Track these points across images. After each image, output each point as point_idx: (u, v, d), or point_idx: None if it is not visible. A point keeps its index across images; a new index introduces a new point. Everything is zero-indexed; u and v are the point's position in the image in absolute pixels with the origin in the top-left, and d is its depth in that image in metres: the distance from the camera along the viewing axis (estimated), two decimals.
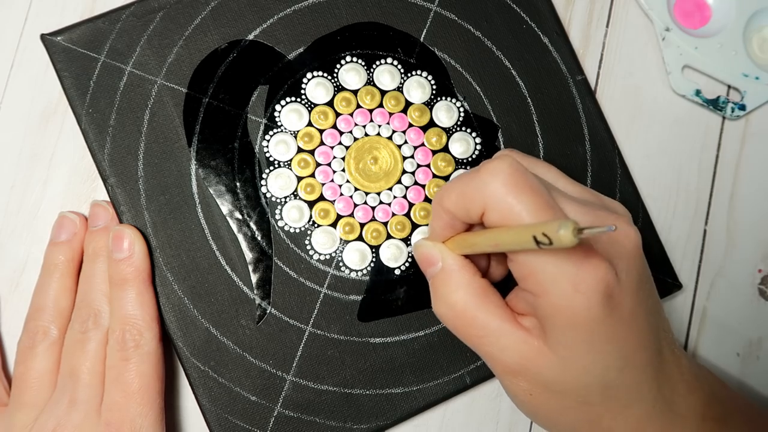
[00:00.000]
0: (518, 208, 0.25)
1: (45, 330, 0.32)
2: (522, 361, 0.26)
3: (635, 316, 0.26)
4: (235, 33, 0.35)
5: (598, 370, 0.26)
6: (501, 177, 0.25)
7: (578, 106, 0.37)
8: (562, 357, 0.26)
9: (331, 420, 0.34)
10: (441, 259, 0.28)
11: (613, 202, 0.29)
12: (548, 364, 0.26)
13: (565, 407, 0.27)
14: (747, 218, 0.39)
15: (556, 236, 0.21)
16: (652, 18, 0.39)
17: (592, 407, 0.27)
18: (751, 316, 0.38)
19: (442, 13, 0.37)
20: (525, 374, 0.27)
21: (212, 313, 0.34)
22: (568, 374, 0.26)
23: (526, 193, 0.25)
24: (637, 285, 0.26)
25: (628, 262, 0.26)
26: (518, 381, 0.27)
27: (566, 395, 0.26)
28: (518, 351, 0.26)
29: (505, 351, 0.26)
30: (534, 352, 0.26)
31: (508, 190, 0.25)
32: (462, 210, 0.26)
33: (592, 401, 0.26)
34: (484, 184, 0.25)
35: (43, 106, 0.36)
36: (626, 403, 0.27)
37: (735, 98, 0.39)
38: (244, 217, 0.35)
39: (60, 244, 0.34)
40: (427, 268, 0.29)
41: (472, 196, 0.26)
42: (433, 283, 0.28)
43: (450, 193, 0.27)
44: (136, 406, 0.31)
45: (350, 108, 0.36)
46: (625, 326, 0.26)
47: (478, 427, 0.37)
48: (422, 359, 0.35)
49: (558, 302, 0.25)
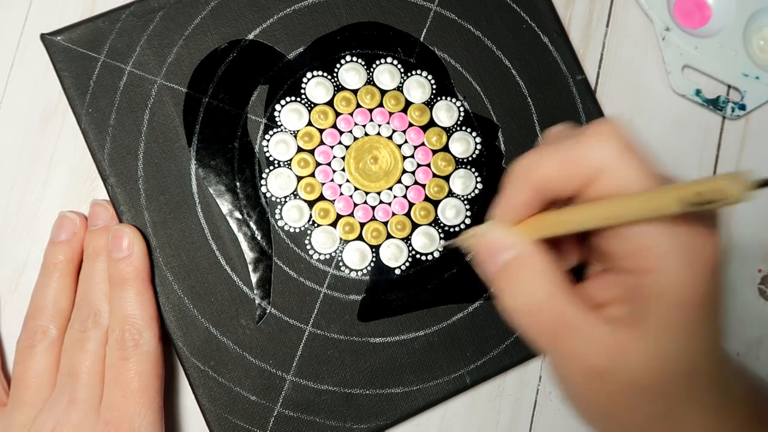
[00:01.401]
0: (638, 174, 0.22)
1: (44, 329, 0.32)
2: (610, 356, 0.23)
3: (720, 294, 0.23)
4: (235, 33, 0.35)
5: (693, 355, 0.23)
6: (615, 141, 0.22)
7: (578, 106, 0.37)
8: (660, 343, 0.23)
9: (331, 420, 0.34)
10: (513, 244, 0.24)
11: None
12: (639, 356, 0.23)
13: (642, 404, 0.24)
14: (747, 219, 0.39)
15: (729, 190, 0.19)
16: (652, 18, 0.39)
17: (668, 399, 0.24)
18: (751, 316, 0.38)
19: (442, 12, 0.37)
20: (611, 372, 0.23)
21: (212, 312, 0.34)
22: (662, 363, 0.23)
23: (639, 158, 0.22)
24: (723, 260, 0.24)
25: (718, 235, 0.23)
26: (598, 383, 0.23)
27: (649, 390, 0.23)
28: (606, 345, 0.23)
29: (590, 348, 0.23)
30: (626, 344, 0.23)
31: (624, 155, 0.22)
32: (562, 180, 0.23)
33: (672, 392, 0.23)
34: (593, 150, 0.22)
35: (43, 106, 0.36)
36: (700, 390, 0.24)
37: (735, 98, 0.39)
38: (244, 216, 0.35)
39: (60, 244, 0.34)
40: (492, 258, 0.24)
41: (578, 163, 0.23)
42: (504, 274, 0.24)
43: (546, 161, 0.23)
44: (135, 406, 0.31)
45: (350, 108, 0.36)
46: (716, 306, 0.23)
47: (478, 427, 0.37)
48: (422, 359, 0.35)
49: (671, 279, 0.22)
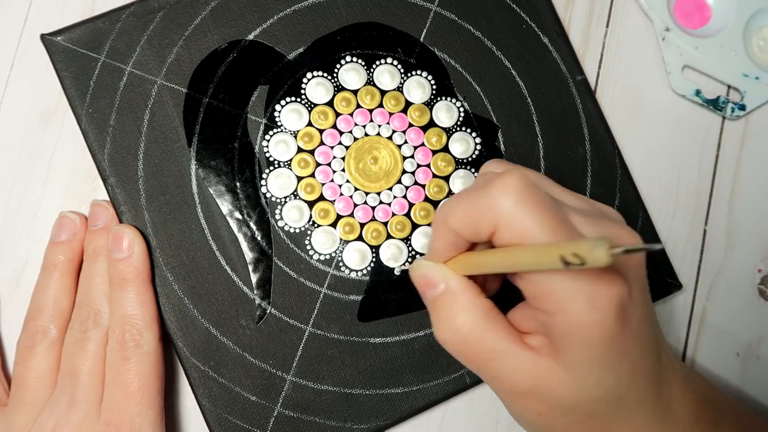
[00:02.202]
0: (532, 226, 0.24)
1: (44, 330, 0.32)
2: (532, 381, 0.25)
3: (642, 325, 0.26)
4: (235, 33, 0.35)
5: (611, 383, 0.25)
6: (513, 193, 0.24)
7: (578, 106, 0.37)
8: (575, 374, 0.25)
9: (331, 420, 0.34)
10: (443, 280, 0.27)
11: (606, 207, 0.28)
12: (560, 382, 0.25)
13: (574, 422, 0.26)
14: (747, 218, 0.39)
15: (590, 256, 0.20)
16: (652, 18, 0.39)
17: (601, 419, 0.26)
18: (751, 316, 0.38)
19: (442, 13, 0.37)
20: (535, 395, 0.26)
21: (212, 313, 0.34)
22: (581, 390, 0.25)
23: (539, 210, 0.24)
24: (643, 295, 0.26)
25: (636, 272, 0.25)
26: (527, 402, 0.26)
27: (576, 411, 0.26)
28: (528, 372, 0.25)
29: (515, 373, 0.26)
30: (545, 371, 0.25)
31: (521, 207, 0.24)
32: (469, 229, 0.25)
33: (601, 413, 0.26)
34: (494, 201, 0.24)
35: (43, 106, 0.36)
36: (633, 411, 0.26)
37: (735, 98, 0.39)
38: (244, 217, 0.35)
39: (60, 244, 0.34)
40: (426, 291, 0.27)
41: (481, 214, 0.24)
42: (434, 306, 0.27)
43: (456, 211, 0.25)
44: (135, 406, 0.31)
45: (350, 108, 0.36)
46: (634, 338, 0.25)
47: (478, 427, 0.37)
48: (422, 359, 0.35)
49: (575, 320, 0.24)
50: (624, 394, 0.26)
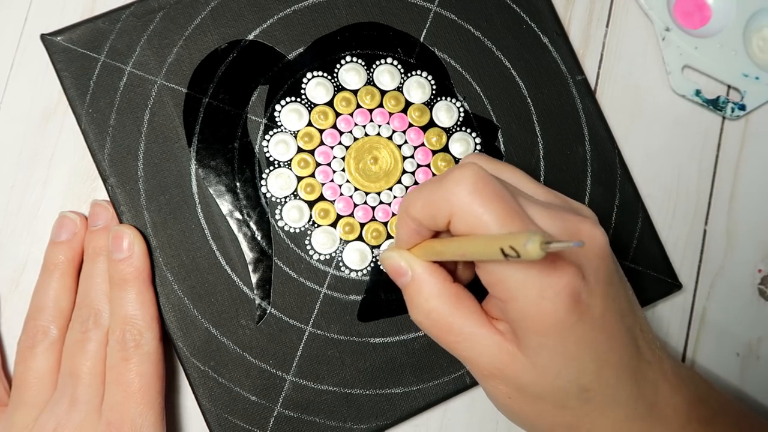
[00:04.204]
0: (485, 217, 0.24)
1: (45, 330, 0.32)
2: (498, 364, 0.26)
3: (606, 318, 0.26)
4: (235, 33, 0.35)
5: (572, 374, 0.26)
6: (466, 185, 0.25)
7: (578, 106, 0.37)
8: (535, 362, 0.26)
9: (331, 420, 0.34)
10: (410, 268, 0.28)
11: (578, 204, 0.29)
12: (523, 368, 0.26)
13: (543, 411, 0.27)
14: (747, 218, 0.39)
15: (523, 250, 0.21)
16: (652, 18, 0.39)
17: (570, 411, 0.27)
18: (751, 316, 0.38)
19: (442, 13, 0.37)
20: (502, 378, 0.27)
21: (212, 313, 0.34)
22: (543, 378, 0.26)
23: (492, 201, 0.24)
24: (606, 287, 0.26)
25: (596, 264, 0.26)
26: (497, 384, 0.27)
27: (543, 399, 0.27)
28: (494, 355, 0.26)
29: (482, 355, 0.27)
30: (509, 356, 0.26)
31: (473, 198, 0.24)
32: (428, 218, 0.26)
33: (569, 405, 0.26)
34: (449, 193, 0.25)
35: (43, 106, 0.36)
36: (604, 405, 0.27)
37: (735, 98, 0.39)
38: (244, 217, 0.35)
39: (60, 244, 0.34)
40: (397, 279, 0.28)
41: (437, 205, 0.25)
42: (406, 292, 0.28)
43: (415, 201, 0.26)
44: (136, 406, 0.31)
45: (350, 108, 0.36)
46: (596, 329, 0.25)
47: (478, 427, 0.37)
48: (422, 359, 0.35)
49: (525, 308, 0.25)
50: (589, 386, 0.26)
